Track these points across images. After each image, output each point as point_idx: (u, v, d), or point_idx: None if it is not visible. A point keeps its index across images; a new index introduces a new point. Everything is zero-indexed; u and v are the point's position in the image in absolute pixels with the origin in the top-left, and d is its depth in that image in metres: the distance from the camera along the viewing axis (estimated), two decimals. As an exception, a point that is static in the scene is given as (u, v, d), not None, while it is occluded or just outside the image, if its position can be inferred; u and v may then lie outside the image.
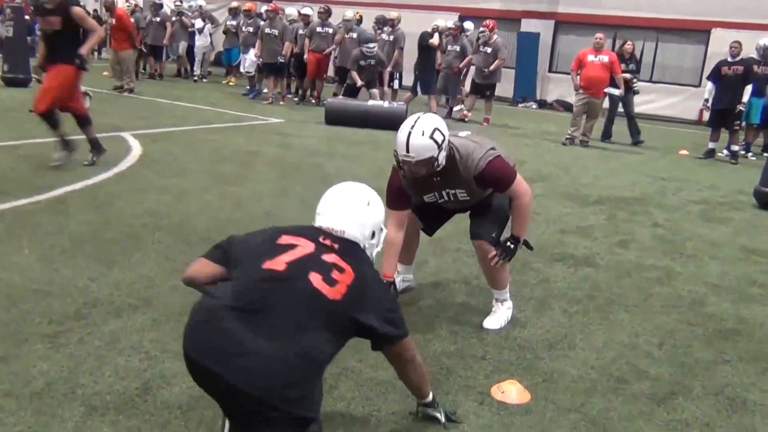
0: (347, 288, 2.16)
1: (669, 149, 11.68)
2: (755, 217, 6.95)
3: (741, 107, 10.56)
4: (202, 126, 10.05)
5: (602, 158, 10.29)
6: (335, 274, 2.17)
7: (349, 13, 13.65)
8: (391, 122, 9.62)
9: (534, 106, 17.77)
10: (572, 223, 6.08)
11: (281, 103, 13.61)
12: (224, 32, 16.90)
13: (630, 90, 11.65)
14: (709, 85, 11.06)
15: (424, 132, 3.17)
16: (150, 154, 7.63)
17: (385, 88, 12.83)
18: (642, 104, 13.99)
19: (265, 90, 14.06)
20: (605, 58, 11.15)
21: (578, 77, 11.22)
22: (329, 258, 2.22)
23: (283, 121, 11.21)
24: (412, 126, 3.19)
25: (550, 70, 18.54)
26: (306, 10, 14.01)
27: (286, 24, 13.48)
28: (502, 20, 18.86)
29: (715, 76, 10.88)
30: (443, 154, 3.25)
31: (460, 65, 13.09)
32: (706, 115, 11.59)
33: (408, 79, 14.08)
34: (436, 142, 3.19)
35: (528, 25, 18.09)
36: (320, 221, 2.42)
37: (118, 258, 4.26)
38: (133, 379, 2.81)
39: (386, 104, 11.46)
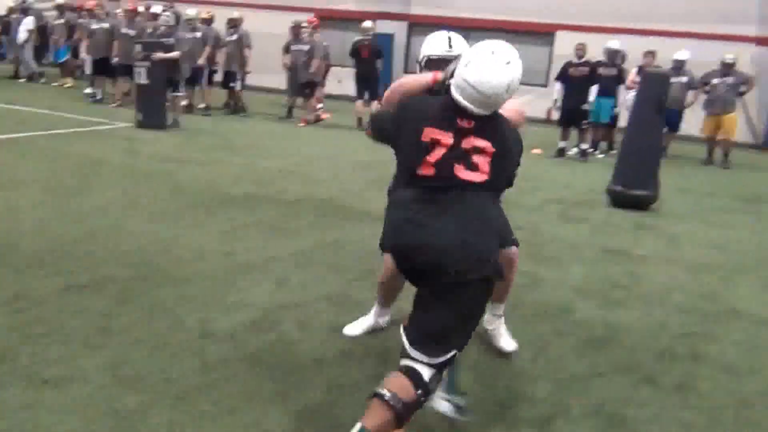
0: (489, 165, 2.50)
1: (522, 148, 11.97)
2: (609, 215, 7.16)
3: (586, 106, 10.99)
4: (40, 132, 9.15)
5: (461, 159, 10.35)
6: (475, 158, 2.49)
7: (192, 11, 13.00)
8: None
9: (391, 106, 17.79)
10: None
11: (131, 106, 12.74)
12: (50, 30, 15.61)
13: None
14: (557, 86, 11.43)
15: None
16: (-24, 166, 6.82)
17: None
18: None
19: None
20: (457, 58, 11.20)
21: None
22: (467, 144, 2.50)
23: (130, 126, 10.44)
24: (441, 32, 3.26)
25: (405, 71, 18.67)
26: (156, 8, 13.18)
27: (145, 26, 12.63)
28: (358, 21, 18.83)
29: (563, 76, 11.26)
30: None
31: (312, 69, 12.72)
32: (555, 114, 11.96)
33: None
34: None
35: (382, 26, 18.09)
36: (461, 100, 2.52)
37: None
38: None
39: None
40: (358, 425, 2.29)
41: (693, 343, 3.88)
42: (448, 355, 2.41)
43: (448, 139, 2.48)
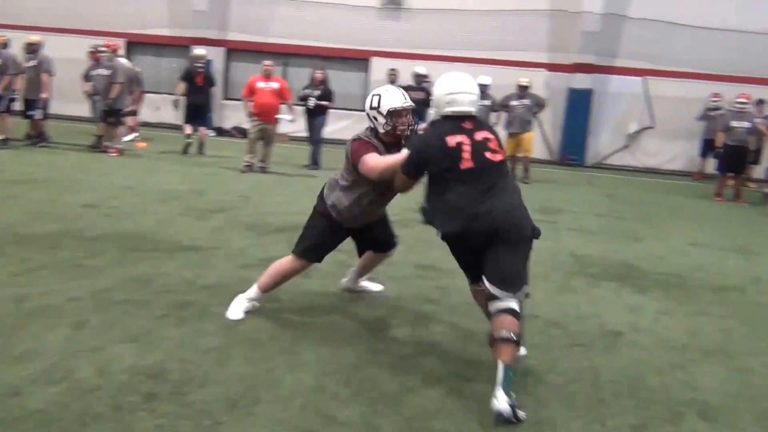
0: (500, 148, 3.60)
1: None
2: (423, 233, 7.37)
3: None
4: None
5: (282, 184, 10.33)
6: (491, 144, 3.54)
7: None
8: None
9: (212, 134, 17.43)
10: (255, 256, 5.86)
11: None
12: None
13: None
14: (373, 109, 11.78)
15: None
16: None
17: None
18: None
19: None
20: (275, 85, 11.31)
21: (251, 104, 11.20)
22: (479, 136, 3.53)
23: None
24: (392, 87, 4.18)
25: (225, 98, 18.39)
26: None
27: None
28: (172, 47, 18.32)
29: (378, 101, 11.63)
30: None
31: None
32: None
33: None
34: None
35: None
36: (454, 109, 3.59)
37: None
38: None
39: None
40: (501, 365, 3.20)
41: (497, 351, 4.07)
42: (525, 288, 3.50)
43: (466, 138, 3.48)
